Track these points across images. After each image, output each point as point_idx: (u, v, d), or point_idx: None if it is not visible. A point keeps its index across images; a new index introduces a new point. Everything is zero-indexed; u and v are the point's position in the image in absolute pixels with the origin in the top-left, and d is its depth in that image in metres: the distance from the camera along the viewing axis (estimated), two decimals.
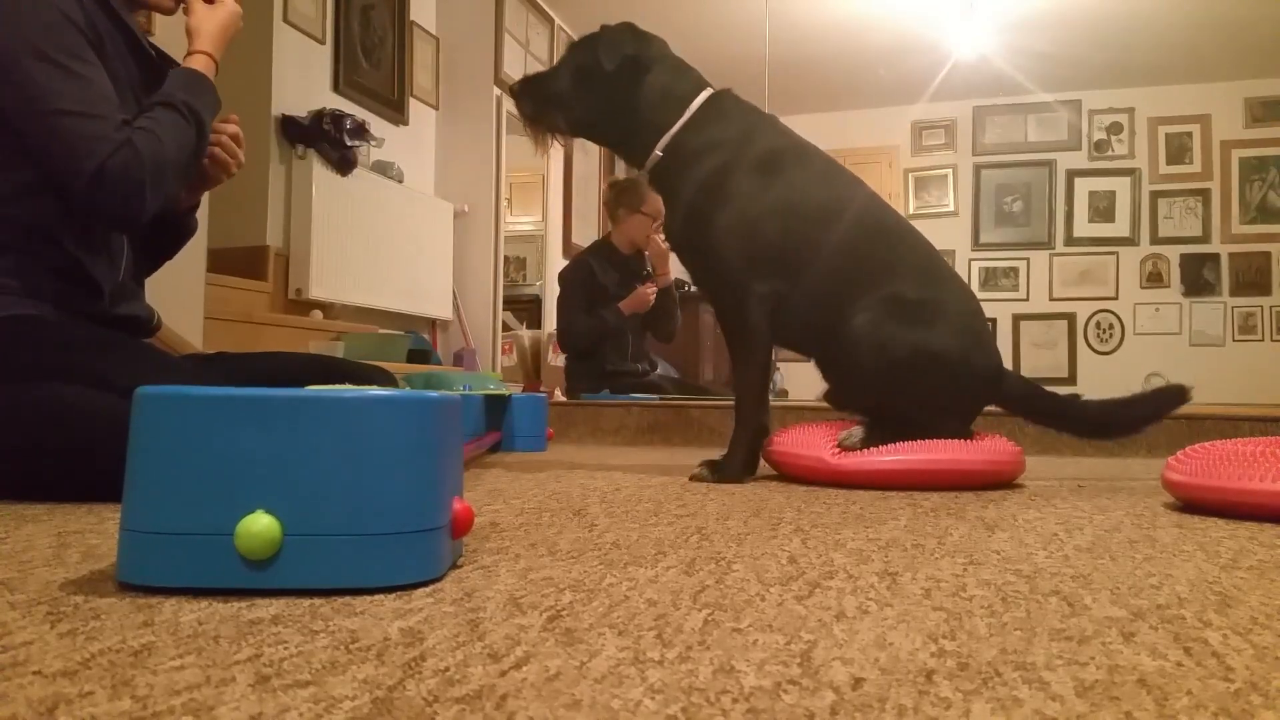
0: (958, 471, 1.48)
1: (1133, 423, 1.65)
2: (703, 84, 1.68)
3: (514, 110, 1.84)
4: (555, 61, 1.74)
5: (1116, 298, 7.05)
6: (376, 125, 4.36)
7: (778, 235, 1.59)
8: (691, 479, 1.56)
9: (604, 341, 3.49)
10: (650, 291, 3.49)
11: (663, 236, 3.27)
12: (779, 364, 4.05)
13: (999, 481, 1.54)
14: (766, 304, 1.58)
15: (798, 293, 1.60)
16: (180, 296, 2.58)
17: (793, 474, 1.60)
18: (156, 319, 1.53)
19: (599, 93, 1.65)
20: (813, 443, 1.56)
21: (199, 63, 1.37)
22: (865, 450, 1.50)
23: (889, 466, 1.47)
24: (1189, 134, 6.97)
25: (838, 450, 1.52)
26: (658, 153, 1.64)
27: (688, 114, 1.63)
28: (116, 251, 1.43)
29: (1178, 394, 1.61)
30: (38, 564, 0.75)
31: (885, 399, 1.57)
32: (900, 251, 1.64)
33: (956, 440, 1.52)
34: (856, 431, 1.53)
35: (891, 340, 1.53)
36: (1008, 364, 1.77)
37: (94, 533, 0.92)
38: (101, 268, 1.38)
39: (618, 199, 3.57)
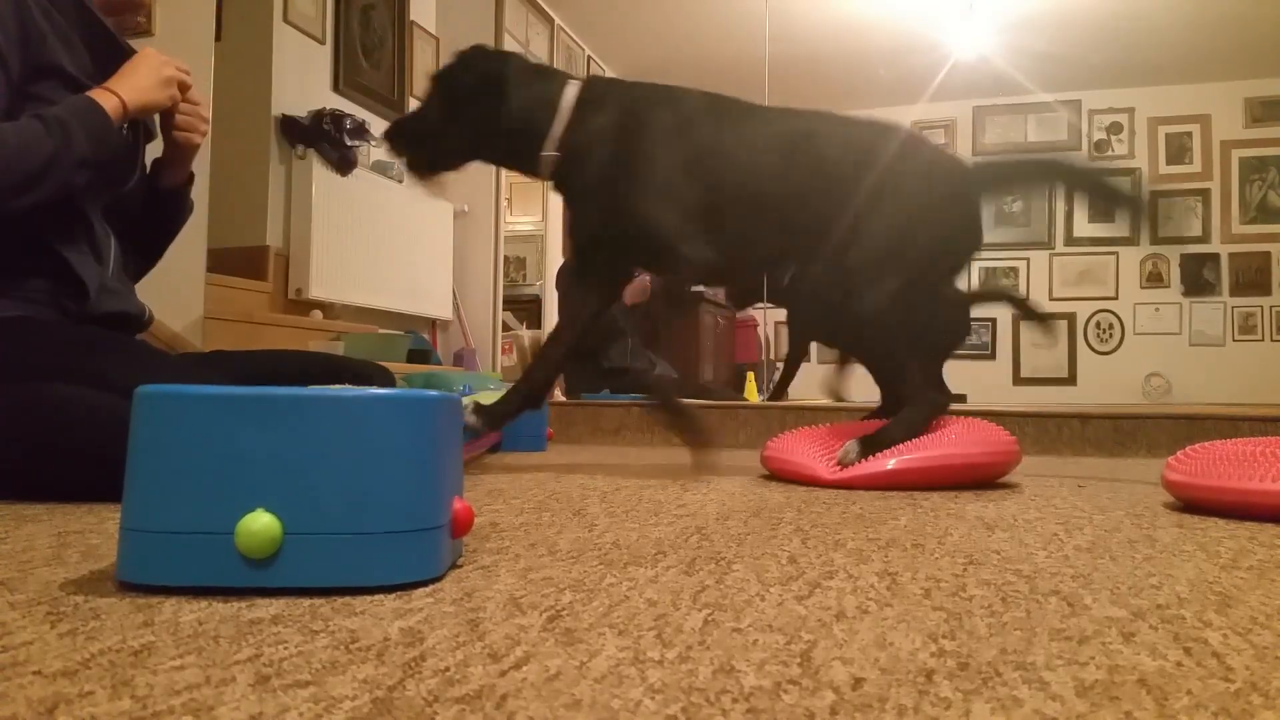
0: (952, 467, 1.47)
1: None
2: (566, 79, 1.65)
3: None
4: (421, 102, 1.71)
5: (1116, 298, 7.05)
6: (377, 125, 4.36)
7: (698, 196, 1.57)
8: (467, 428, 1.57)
9: (604, 341, 3.49)
10: (648, 280, 3.48)
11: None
12: (779, 363, 4.04)
13: (995, 474, 1.54)
14: (703, 271, 1.61)
15: (739, 249, 1.61)
16: (180, 296, 2.58)
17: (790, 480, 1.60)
18: (148, 314, 1.53)
19: (469, 117, 1.62)
20: (808, 455, 1.56)
21: (99, 94, 1.33)
22: (861, 460, 1.50)
23: (882, 470, 1.47)
24: (1189, 134, 6.96)
25: (835, 466, 1.51)
26: (551, 154, 1.61)
27: (563, 110, 1.60)
28: (103, 248, 1.43)
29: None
30: (38, 564, 0.75)
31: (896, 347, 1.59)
32: (837, 177, 1.60)
33: (949, 433, 1.52)
34: (852, 448, 1.51)
35: (882, 310, 1.53)
36: (1007, 364, 1.77)
37: (94, 533, 0.92)
38: (87, 265, 1.38)
39: None
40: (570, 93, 1.62)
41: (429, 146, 1.65)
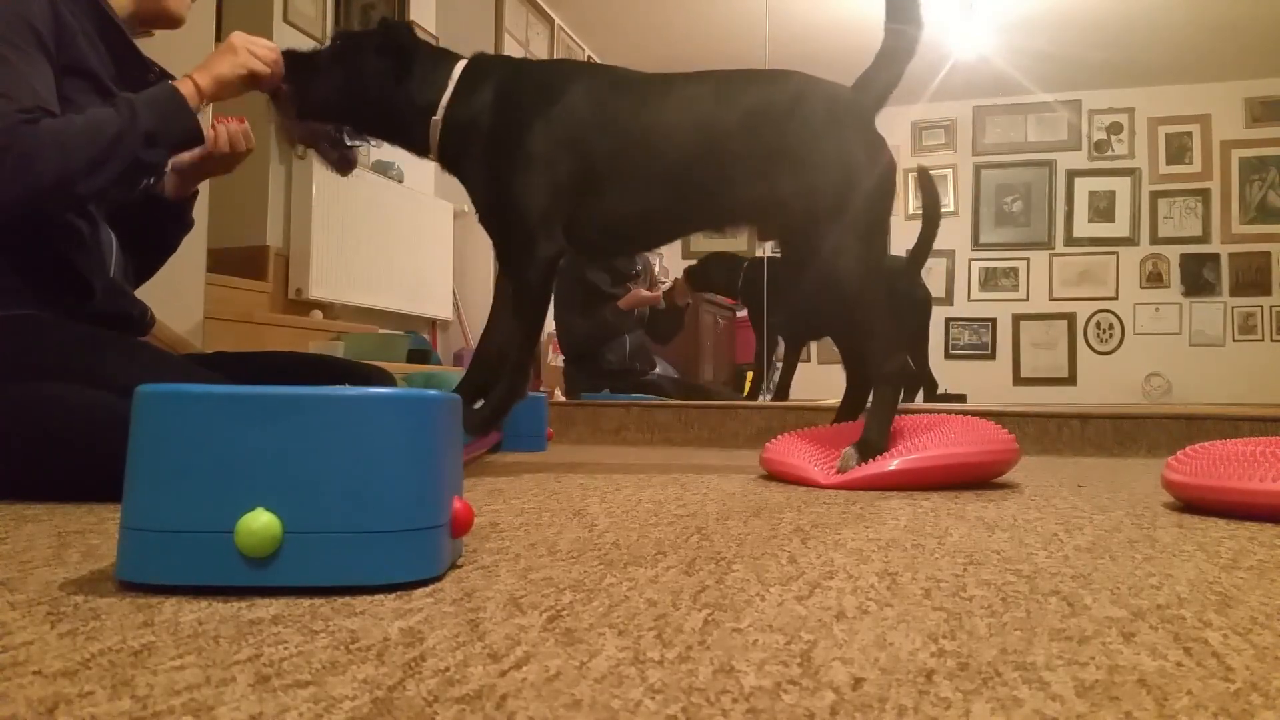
0: (952, 467, 1.47)
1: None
2: (458, 58, 1.66)
3: None
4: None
5: (1116, 298, 7.04)
6: None
7: (569, 172, 1.56)
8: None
9: (603, 342, 3.49)
10: (645, 292, 3.49)
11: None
12: (778, 361, 4.06)
13: (994, 473, 1.54)
14: (551, 266, 1.59)
15: (607, 215, 1.59)
16: (180, 296, 2.58)
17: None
18: (149, 316, 1.53)
19: (362, 75, 1.62)
20: (804, 459, 1.55)
21: (180, 83, 1.37)
22: (861, 464, 1.49)
23: (883, 473, 1.46)
24: (1189, 134, 6.96)
25: (833, 471, 1.51)
26: (434, 132, 1.62)
27: (452, 83, 1.61)
28: (106, 250, 1.44)
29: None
30: (38, 564, 0.75)
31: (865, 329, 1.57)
32: (735, 147, 1.58)
33: (949, 433, 1.52)
34: (851, 455, 1.51)
35: (855, 273, 1.52)
36: (1007, 364, 1.77)
37: (94, 532, 0.92)
38: (91, 266, 1.39)
39: None
40: (458, 69, 1.63)
41: (311, 86, 1.63)
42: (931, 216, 2.90)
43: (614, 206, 1.59)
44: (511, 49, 5.26)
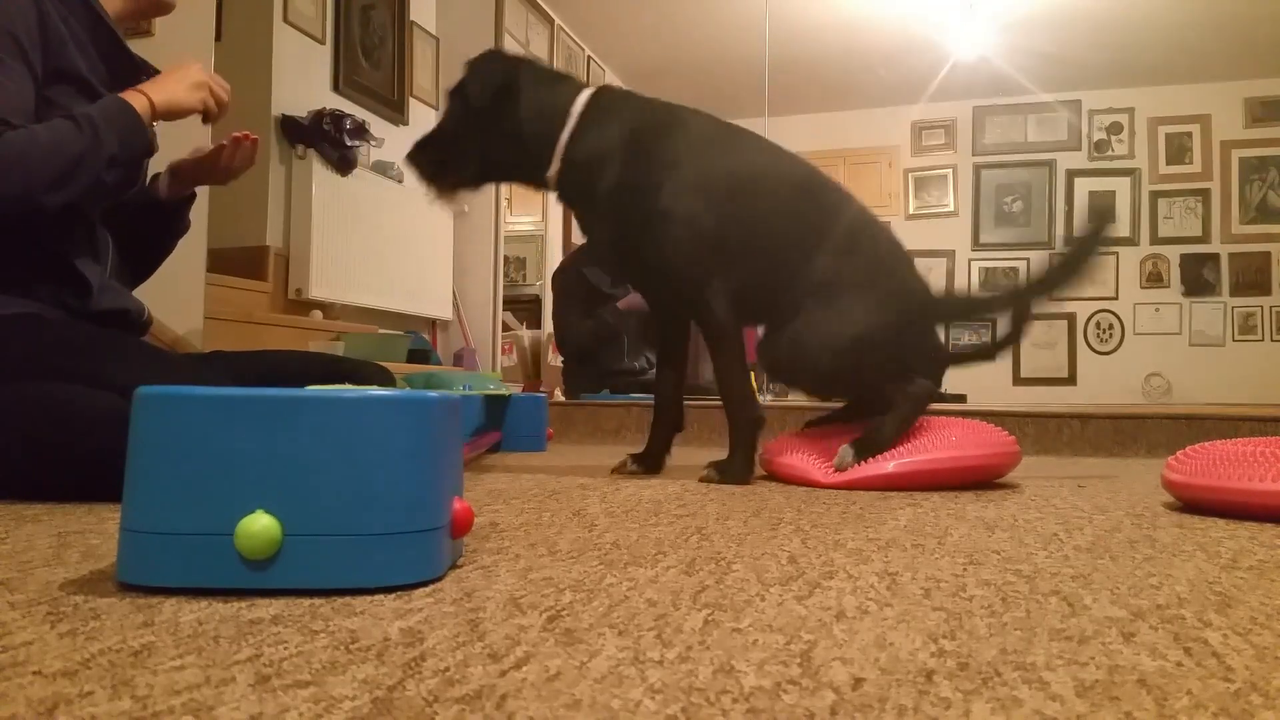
0: (954, 469, 1.47)
1: (1071, 272, 1.67)
2: (580, 86, 1.62)
3: None
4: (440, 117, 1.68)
5: (1116, 298, 7.05)
6: (376, 125, 4.36)
7: (712, 222, 1.55)
8: (701, 480, 1.56)
9: (603, 343, 3.49)
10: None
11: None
12: None
13: (995, 475, 1.54)
14: (725, 295, 1.55)
15: (742, 278, 1.57)
16: (180, 296, 2.58)
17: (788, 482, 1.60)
18: (146, 314, 1.53)
19: (483, 132, 1.59)
20: (804, 459, 1.56)
21: (133, 97, 1.34)
22: (859, 464, 1.50)
23: (883, 473, 1.47)
24: (1189, 134, 6.97)
25: (831, 470, 1.51)
26: (557, 164, 1.58)
27: (572, 120, 1.57)
28: (102, 249, 1.44)
29: (1101, 219, 1.61)
30: (38, 564, 0.75)
31: (845, 395, 1.58)
32: (818, 217, 1.59)
33: (948, 435, 1.52)
34: (847, 453, 1.51)
35: (816, 354, 1.52)
36: (1007, 364, 1.77)
37: (94, 533, 0.92)
38: (88, 264, 1.39)
39: None
40: (580, 101, 1.59)
41: (449, 165, 1.62)
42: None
43: (733, 270, 1.58)
44: (511, 49, 5.26)
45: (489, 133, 1.59)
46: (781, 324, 1.57)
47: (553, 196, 1.68)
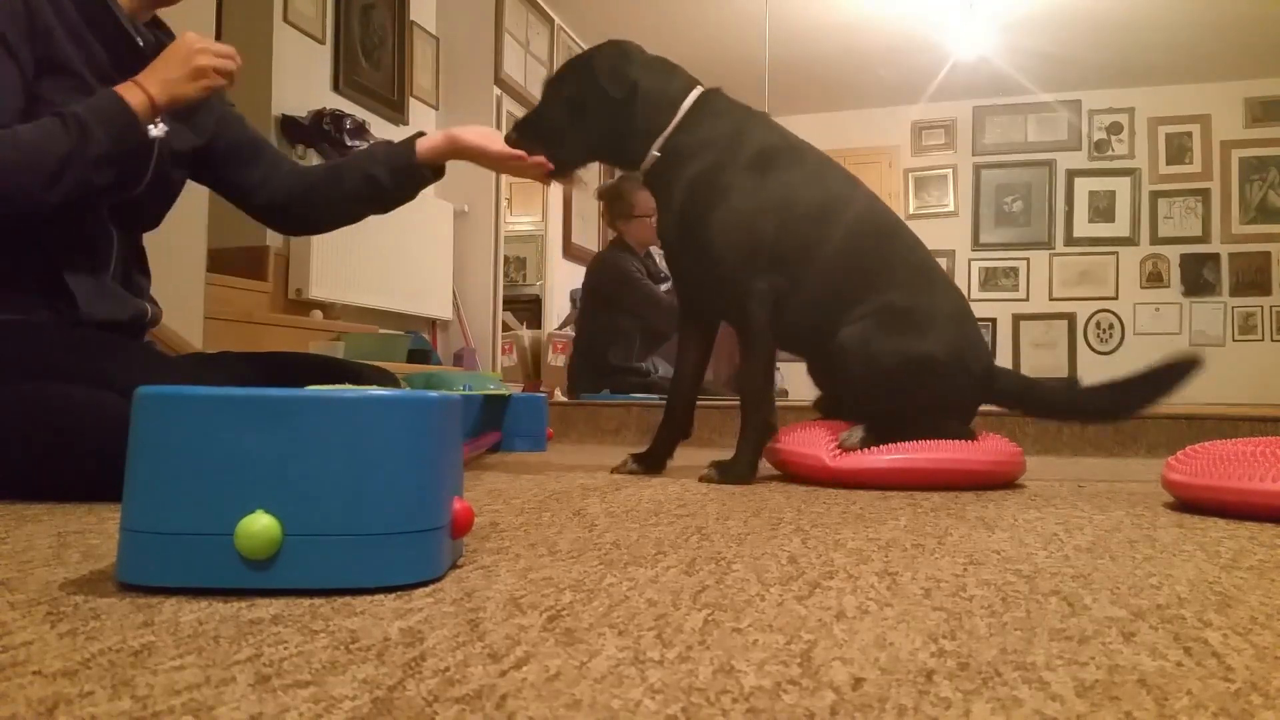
0: (958, 471, 1.48)
1: (1139, 402, 1.59)
2: (692, 83, 1.69)
3: (514, 110, 1.82)
4: (541, 97, 1.73)
5: (1116, 298, 7.04)
6: (376, 125, 4.36)
7: (773, 232, 1.59)
8: (700, 479, 1.56)
9: (608, 342, 3.50)
10: None
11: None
12: (779, 364, 4.05)
13: (999, 481, 1.54)
14: (767, 300, 1.58)
15: (794, 293, 1.60)
16: (180, 296, 2.58)
17: (793, 473, 1.60)
18: (149, 316, 1.50)
19: (596, 118, 1.65)
20: (813, 443, 1.56)
21: (129, 91, 1.30)
22: (865, 450, 1.50)
23: (888, 466, 1.47)
24: (1189, 134, 6.96)
25: (837, 451, 1.52)
26: (654, 153, 1.65)
27: (680, 114, 1.64)
28: (103, 253, 1.40)
29: (1186, 365, 1.55)
30: (38, 564, 0.75)
31: (879, 407, 1.57)
32: (893, 254, 1.64)
33: (957, 440, 1.52)
34: (856, 431, 1.53)
35: (881, 351, 1.53)
36: (1007, 364, 1.77)
37: (94, 533, 0.92)
38: (80, 273, 1.36)
39: (611, 213, 3.66)
40: (691, 98, 1.65)
41: (559, 146, 1.66)
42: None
43: (786, 279, 1.60)
44: (511, 49, 5.26)
45: (600, 121, 1.65)
46: (822, 345, 1.60)
47: (553, 196, 1.70)
